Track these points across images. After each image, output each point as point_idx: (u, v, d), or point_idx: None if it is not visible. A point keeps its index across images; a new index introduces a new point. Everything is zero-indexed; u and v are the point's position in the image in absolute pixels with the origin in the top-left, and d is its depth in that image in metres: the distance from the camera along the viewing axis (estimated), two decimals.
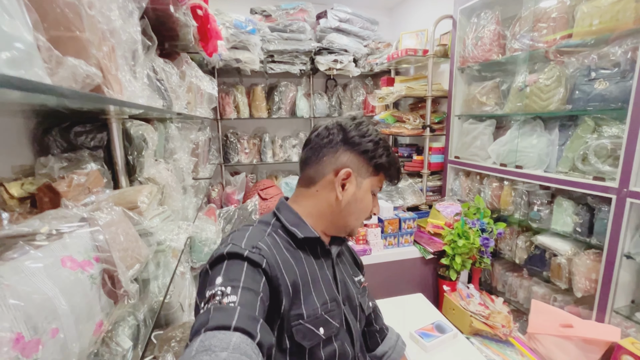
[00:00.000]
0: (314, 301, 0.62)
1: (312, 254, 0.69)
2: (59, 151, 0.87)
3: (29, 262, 0.40)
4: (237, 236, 0.61)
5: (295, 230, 0.67)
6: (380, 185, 0.74)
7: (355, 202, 0.69)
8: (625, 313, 1.35)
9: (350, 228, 0.72)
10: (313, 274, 0.66)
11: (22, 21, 0.36)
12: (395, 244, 2.02)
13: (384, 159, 0.70)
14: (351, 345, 0.69)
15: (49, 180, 0.72)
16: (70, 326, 0.40)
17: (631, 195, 1.25)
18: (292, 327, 0.58)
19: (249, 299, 0.48)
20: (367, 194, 0.71)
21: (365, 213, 0.72)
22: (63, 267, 0.43)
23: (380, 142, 0.70)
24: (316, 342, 0.60)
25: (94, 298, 0.47)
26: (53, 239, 0.47)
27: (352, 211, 0.70)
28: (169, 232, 0.85)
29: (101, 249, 0.50)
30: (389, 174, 0.73)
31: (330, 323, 0.63)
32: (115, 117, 0.94)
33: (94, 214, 0.57)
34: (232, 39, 2.28)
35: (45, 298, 0.37)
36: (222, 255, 0.55)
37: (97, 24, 0.52)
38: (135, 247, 0.68)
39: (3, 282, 0.35)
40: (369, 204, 0.72)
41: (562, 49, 1.53)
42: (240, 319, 0.43)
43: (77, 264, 0.46)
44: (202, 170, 2.04)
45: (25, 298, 0.36)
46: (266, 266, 0.56)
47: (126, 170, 0.97)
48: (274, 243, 0.63)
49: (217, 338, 0.39)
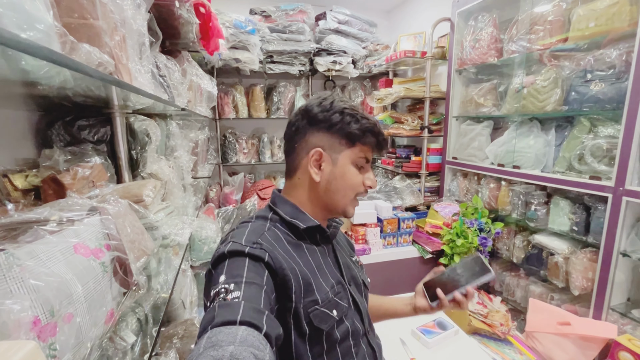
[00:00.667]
0: (323, 286, 0.64)
1: (314, 242, 0.70)
2: (61, 144, 0.87)
3: (44, 246, 0.40)
4: (237, 233, 0.61)
5: (296, 221, 0.67)
6: (363, 155, 0.69)
7: (336, 179, 0.67)
8: (621, 310, 1.37)
9: (341, 207, 0.70)
10: (317, 262, 0.67)
11: (42, 1, 0.36)
12: (394, 244, 2.03)
13: (353, 127, 0.66)
14: (361, 322, 0.71)
15: (53, 172, 0.72)
16: (85, 312, 0.40)
17: (627, 193, 1.27)
18: (309, 313, 0.59)
19: (253, 293, 0.49)
20: (347, 168, 0.68)
21: (352, 188, 0.69)
22: (76, 254, 0.43)
23: (345, 111, 0.66)
24: (332, 324, 0.61)
25: (106, 286, 0.46)
26: (65, 226, 0.46)
27: (335, 189, 0.68)
28: (173, 226, 0.85)
29: (112, 237, 0.50)
30: (367, 141, 0.68)
31: (340, 304, 0.65)
32: (119, 111, 0.93)
33: (103, 205, 0.57)
34: (232, 39, 2.29)
35: (61, 281, 0.37)
36: (223, 254, 0.55)
37: (109, 12, 0.52)
38: (142, 239, 0.67)
39: (21, 264, 0.35)
40: (354, 178, 0.68)
41: (556, 52, 1.56)
42: (245, 312, 0.44)
43: (90, 251, 0.46)
44: (200, 170, 2.03)
45: (43, 281, 0.35)
46: (269, 259, 0.56)
47: (129, 165, 0.97)
48: (275, 237, 0.64)
49: (223, 333, 0.40)
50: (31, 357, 0.28)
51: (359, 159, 0.68)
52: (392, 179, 2.60)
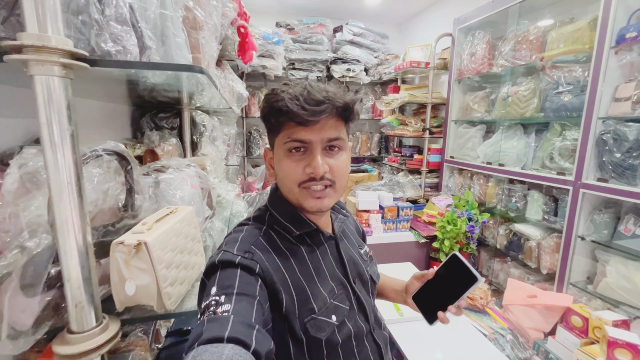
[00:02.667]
0: (321, 292, 0.60)
1: (314, 242, 0.65)
2: (148, 130, 1.25)
3: (176, 177, 0.75)
4: (230, 240, 0.58)
5: (290, 227, 0.63)
6: (289, 137, 0.57)
7: (279, 173, 0.62)
8: (581, 286, 1.63)
9: (295, 202, 0.62)
10: (316, 264, 0.63)
11: (187, 49, 0.72)
12: (393, 229, 2.34)
13: (266, 112, 0.59)
14: (365, 321, 0.67)
15: (151, 146, 1.09)
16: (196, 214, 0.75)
17: (584, 186, 1.54)
18: (305, 323, 0.56)
19: (244, 305, 0.47)
20: (281, 158, 0.60)
21: (289, 179, 0.59)
22: (190, 187, 0.79)
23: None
24: (331, 330, 0.58)
25: (203, 205, 0.82)
26: (179, 171, 0.82)
27: (282, 184, 0.63)
28: (223, 189, 1.21)
29: (202, 178, 0.85)
30: (286, 119, 0.56)
31: (340, 307, 0.62)
32: (186, 107, 1.30)
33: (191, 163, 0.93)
34: (260, 49, 2.67)
35: (188, 194, 0.73)
36: (214, 264, 0.53)
37: (205, 48, 0.88)
38: (211, 194, 1.03)
39: (170, 184, 0.70)
40: (288, 168, 0.59)
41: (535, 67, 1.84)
42: (234, 328, 0.43)
43: (194, 186, 0.81)
44: (230, 159, 2.41)
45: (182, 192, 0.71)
46: (260, 271, 0.54)
47: (191, 147, 1.34)
48: (271, 242, 0.61)
49: (208, 352, 0.39)
50: (191, 214, 0.64)
51: (288, 143, 0.58)
52: (397, 174, 2.90)
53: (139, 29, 0.55)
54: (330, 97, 0.55)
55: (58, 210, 0.42)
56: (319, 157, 0.57)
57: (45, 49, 0.38)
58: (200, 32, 0.88)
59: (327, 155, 0.59)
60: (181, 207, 0.64)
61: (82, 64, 0.43)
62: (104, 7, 0.47)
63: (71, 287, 0.44)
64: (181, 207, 0.64)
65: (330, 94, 0.55)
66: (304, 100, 0.53)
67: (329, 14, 3.18)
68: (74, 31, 0.44)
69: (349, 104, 0.58)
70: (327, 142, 0.58)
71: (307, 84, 0.56)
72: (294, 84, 0.57)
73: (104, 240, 0.54)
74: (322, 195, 0.59)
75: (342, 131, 0.60)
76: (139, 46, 0.56)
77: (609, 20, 1.41)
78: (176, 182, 0.75)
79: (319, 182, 0.58)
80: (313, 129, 0.56)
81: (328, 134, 0.57)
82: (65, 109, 0.42)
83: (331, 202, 0.61)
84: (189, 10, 0.84)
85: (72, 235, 0.43)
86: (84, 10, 0.45)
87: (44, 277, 0.44)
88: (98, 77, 0.62)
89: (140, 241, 0.51)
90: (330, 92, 0.56)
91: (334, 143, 0.59)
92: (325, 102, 0.54)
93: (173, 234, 0.60)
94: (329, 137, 0.57)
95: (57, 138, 0.41)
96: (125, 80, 0.73)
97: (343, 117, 0.59)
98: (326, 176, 0.58)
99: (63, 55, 0.40)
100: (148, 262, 0.52)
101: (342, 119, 0.60)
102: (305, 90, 0.55)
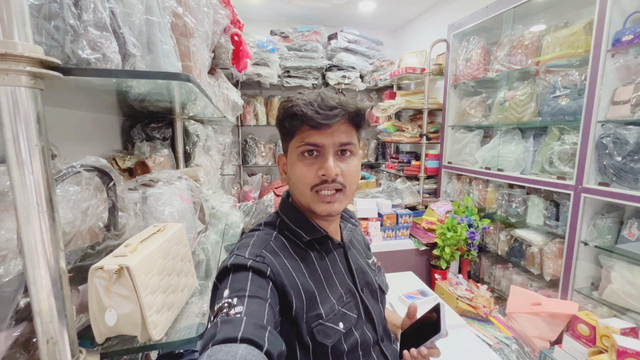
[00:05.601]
0: (330, 298, 0.61)
1: (323, 250, 0.66)
2: (139, 141, 1.20)
3: (165, 191, 0.71)
4: (242, 245, 0.60)
5: (301, 232, 0.64)
6: (303, 141, 0.60)
7: (292, 177, 0.63)
8: (585, 292, 1.59)
9: (306, 205, 0.63)
10: (325, 271, 0.64)
11: (176, 57, 0.68)
12: (393, 237, 2.29)
13: (281, 117, 0.61)
14: (373, 331, 0.67)
15: (142, 158, 1.04)
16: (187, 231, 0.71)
17: (585, 190, 1.52)
18: (312, 328, 0.57)
19: (256, 307, 0.48)
20: (295, 162, 0.61)
21: (302, 182, 0.61)
22: (181, 201, 0.74)
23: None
24: (338, 338, 0.59)
25: (194, 220, 0.77)
26: (169, 184, 0.78)
27: (294, 187, 0.64)
28: (217, 200, 1.16)
29: (194, 191, 0.81)
30: (300, 124, 0.59)
31: (348, 315, 0.62)
32: (179, 117, 1.26)
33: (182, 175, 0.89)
34: (255, 57, 2.65)
35: (178, 209, 0.68)
36: (226, 267, 0.55)
37: (196, 56, 0.85)
38: (204, 207, 0.98)
39: (158, 199, 0.66)
40: (302, 172, 0.60)
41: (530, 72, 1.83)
42: (247, 329, 0.44)
43: (185, 199, 0.77)
44: (226, 169, 2.36)
45: (171, 208, 0.67)
46: (270, 274, 0.55)
47: (184, 157, 1.30)
48: (281, 246, 0.62)
49: (223, 352, 0.40)
50: (180, 231, 0.59)
51: (301, 146, 0.60)
52: (395, 181, 2.87)
53: (121, 35, 0.52)
54: (342, 103, 0.58)
55: (26, 234, 0.38)
56: (332, 159, 0.59)
57: (9, 56, 0.34)
58: (190, 40, 0.84)
59: (339, 159, 0.61)
60: (170, 224, 0.60)
61: (54, 72, 0.39)
62: (80, 11, 0.43)
63: (42, 321, 0.39)
64: (170, 224, 0.60)
65: (342, 101, 0.58)
66: (318, 105, 0.56)
67: (323, 22, 3.19)
68: (45, 37, 0.40)
69: (360, 110, 0.60)
70: (339, 147, 0.60)
71: (321, 92, 0.59)
72: (309, 92, 0.60)
73: (82, 265, 0.50)
74: (332, 200, 0.61)
75: (354, 137, 0.62)
76: (122, 53, 0.52)
77: (604, 24, 1.41)
78: (165, 196, 0.70)
79: (330, 185, 0.60)
80: (326, 133, 0.58)
81: (340, 138, 0.59)
82: (35, 122, 0.38)
83: (341, 207, 0.62)
84: (179, 16, 0.81)
85: (43, 262, 0.39)
86: (58, 15, 0.41)
87: (11, 310, 0.39)
88: (84, 87, 0.58)
89: (121, 266, 0.46)
90: (343, 99, 0.59)
91: (346, 147, 0.61)
92: (337, 107, 0.57)
93: (160, 255, 0.55)
94: (341, 142, 0.60)
95: (25, 155, 0.37)
96: (115, 90, 0.69)
97: (354, 123, 0.61)
98: (338, 179, 0.59)
99: (31, 63, 0.36)
100: (131, 288, 0.47)
101: (353, 125, 0.62)
102: (319, 96, 0.58)
